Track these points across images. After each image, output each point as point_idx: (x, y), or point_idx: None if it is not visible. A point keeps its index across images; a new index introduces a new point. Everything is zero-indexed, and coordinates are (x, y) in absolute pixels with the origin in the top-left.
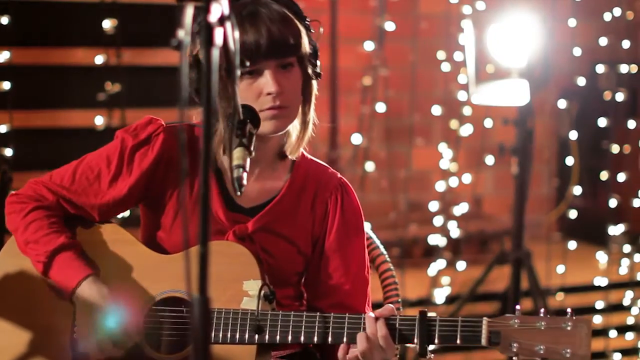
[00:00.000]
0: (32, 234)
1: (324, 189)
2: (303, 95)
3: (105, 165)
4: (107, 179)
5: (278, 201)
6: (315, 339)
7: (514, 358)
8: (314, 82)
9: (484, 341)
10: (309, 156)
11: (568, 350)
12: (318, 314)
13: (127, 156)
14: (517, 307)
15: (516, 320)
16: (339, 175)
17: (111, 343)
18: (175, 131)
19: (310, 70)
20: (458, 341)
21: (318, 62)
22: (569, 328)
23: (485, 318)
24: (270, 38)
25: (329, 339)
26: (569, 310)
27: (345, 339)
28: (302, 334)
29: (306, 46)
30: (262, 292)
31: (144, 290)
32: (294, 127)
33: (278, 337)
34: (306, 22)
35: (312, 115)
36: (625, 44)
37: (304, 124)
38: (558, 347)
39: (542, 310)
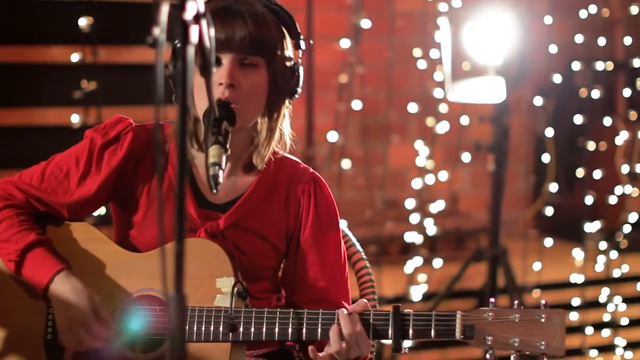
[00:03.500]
0: (2, 233)
1: (297, 183)
2: (267, 104)
3: (74, 164)
4: (76, 177)
5: (247, 197)
6: (290, 335)
7: (488, 351)
8: (286, 100)
9: (458, 335)
10: (281, 152)
11: (542, 342)
12: (292, 310)
13: (96, 154)
14: (492, 300)
15: (490, 314)
16: (311, 170)
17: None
18: (144, 130)
19: (279, 82)
20: (432, 335)
21: (297, 81)
22: (542, 320)
23: (459, 312)
24: (231, 30)
25: (303, 334)
26: (542, 302)
27: (319, 335)
28: (276, 330)
29: (280, 54)
30: (236, 289)
31: (116, 288)
32: (260, 134)
33: (252, 334)
34: (299, 38)
35: (278, 128)
36: (601, 41)
37: (268, 134)
38: (532, 339)
39: (516, 302)
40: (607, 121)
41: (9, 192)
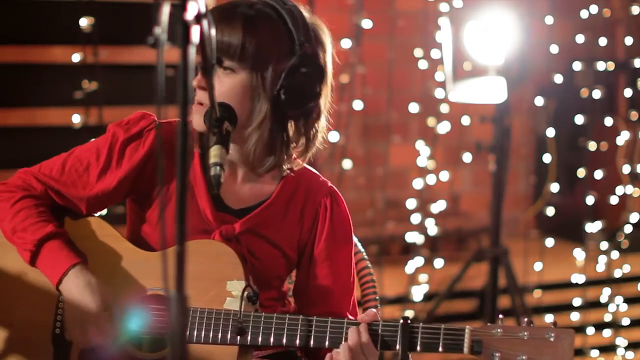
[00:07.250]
0: (20, 223)
1: (314, 196)
2: (251, 109)
3: (94, 158)
4: (96, 171)
5: (268, 205)
6: (297, 342)
7: None
8: (272, 107)
9: (466, 350)
10: (302, 163)
11: None
12: (301, 316)
13: (117, 149)
14: (500, 316)
15: (499, 330)
16: (329, 183)
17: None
18: (167, 127)
19: (260, 88)
20: (440, 349)
21: (291, 89)
22: (552, 339)
23: (467, 327)
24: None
25: (311, 342)
26: (552, 321)
27: (327, 343)
28: (285, 336)
29: (263, 59)
30: (246, 293)
31: (128, 286)
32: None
33: (260, 339)
34: (295, 44)
35: (256, 133)
36: (602, 41)
37: (256, 139)
38: (540, 357)
39: (525, 319)
40: (608, 121)
41: (29, 183)
